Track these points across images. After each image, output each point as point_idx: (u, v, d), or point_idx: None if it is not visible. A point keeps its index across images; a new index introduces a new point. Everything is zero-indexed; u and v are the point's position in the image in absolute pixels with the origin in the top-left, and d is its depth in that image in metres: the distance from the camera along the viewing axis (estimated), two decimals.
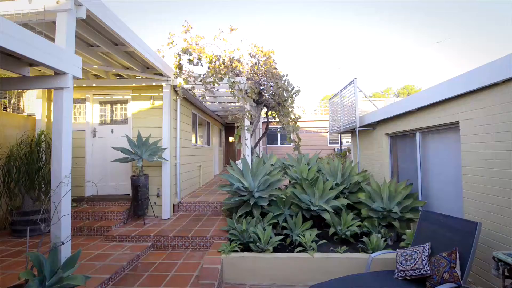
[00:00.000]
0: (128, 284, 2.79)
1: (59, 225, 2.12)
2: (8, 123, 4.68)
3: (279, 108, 5.56)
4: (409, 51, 47.42)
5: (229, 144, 13.38)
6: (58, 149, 2.18)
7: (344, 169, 4.66)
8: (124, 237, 3.85)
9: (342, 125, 6.28)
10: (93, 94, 5.17)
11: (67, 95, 2.22)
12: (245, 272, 3.13)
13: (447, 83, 3.14)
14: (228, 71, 4.28)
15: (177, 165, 5.09)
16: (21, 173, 4.16)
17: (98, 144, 5.15)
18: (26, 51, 1.83)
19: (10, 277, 2.82)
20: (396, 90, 42.10)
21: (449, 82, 3.11)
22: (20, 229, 4.09)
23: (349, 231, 3.59)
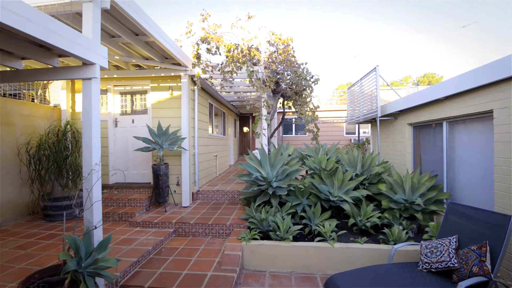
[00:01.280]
0: (154, 267, 2.92)
1: (91, 211, 2.22)
2: (36, 114, 4.90)
3: (296, 97, 5.47)
4: (428, 38, 44.90)
5: (244, 134, 13.42)
6: (88, 138, 2.26)
7: (364, 159, 4.56)
8: (147, 223, 4.00)
9: (361, 115, 6.11)
10: (114, 85, 5.29)
11: (95, 85, 2.28)
12: (265, 260, 3.18)
13: (482, 69, 2.95)
14: (246, 60, 4.23)
15: (195, 154, 5.17)
16: (50, 161, 4.38)
17: (119, 133, 5.31)
18: (58, 41, 1.87)
19: (46, 258, 3.03)
20: (416, 79, 40.28)
21: (484, 68, 2.91)
22: (51, 214, 4.35)
23: (369, 222, 3.55)
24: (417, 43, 49.03)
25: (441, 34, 44.38)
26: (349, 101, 7.28)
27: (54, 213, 4.33)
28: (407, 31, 48.76)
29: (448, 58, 46.13)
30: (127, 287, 2.57)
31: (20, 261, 2.96)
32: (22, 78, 2.50)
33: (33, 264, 2.87)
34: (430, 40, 46.15)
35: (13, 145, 4.42)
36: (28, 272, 2.69)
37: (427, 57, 49.05)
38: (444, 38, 46.62)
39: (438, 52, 48.06)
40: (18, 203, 4.50)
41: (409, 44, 48.51)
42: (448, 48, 46.70)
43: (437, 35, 44.39)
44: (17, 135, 4.49)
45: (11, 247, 3.33)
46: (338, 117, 12.98)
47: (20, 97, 5.41)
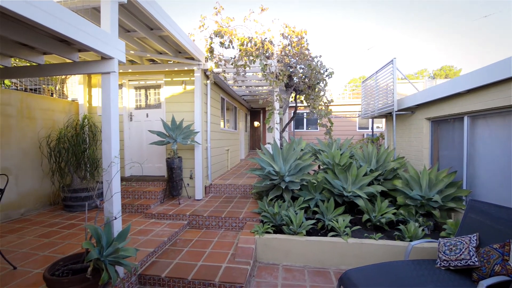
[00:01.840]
0: (170, 258, 2.99)
1: (111, 202, 2.29)
2: (55, 108, 5.06)
3: (309, 91, 5.39)
4: (445, 30, 42.97)
5: (254, 129, 13.41)
6: (108, 131, 2.31)
7: (379, 154, 4.47)
8: (162, 215, 4.09)
9: (376, 109, 5.96)
10: (129, 80, 5.38)
11: (113, 79, 2.32)
12: (278, 253, 3.20)
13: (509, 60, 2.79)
14: (260, 53, 4.19)
15: (208, 148, 5.22)
16: (69, 154, 4.54)
17: (134, 127, 5.42)
18: (80, 36, 1.91)
19: (68, 247, 3.16)
20: (432, 72, 38.87)
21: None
22: (71, 205, 4.52)
23: (384, 218, 3.49)
24: (433, 36, 47.15)
25: (459, 25, 42.45)
26: (363, 95, 7.11)
27: (73, 204, 4.50)
28: (422, 24, 46.94)
29: (466, 50, 44.16)
30: (145, 276, 2.65)
31: (44, 248, 3.11)
32: (44, 72, 2.58)
33: (56, 252, 3.00)
34: (446, 32, 44.26)
35: (34, 138, 4.60)
36: (51, 259, 2.82)
37: (444, 50, 47.15)
38: (463, 30, 44.58)
39: (455, 44, 46.09)
40: (40, 194, 4.69)
41: (425, 36, 46.72)
42: (467, 40, 44.68)
43: (455, 27, 42.48)
44: (38, 129, 4.66)
45: (35, 236, 3.49)
46: (350, 112, 12.73)
47: (40, 92, 5.60)
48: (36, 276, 2.49)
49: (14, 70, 2.74)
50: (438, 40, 46.33)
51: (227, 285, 2.50)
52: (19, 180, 4.33)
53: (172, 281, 2.58)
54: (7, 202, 4.10)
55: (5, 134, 4.14)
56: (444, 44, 46.41)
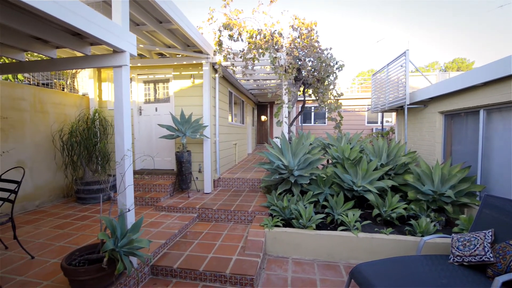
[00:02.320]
0: (181, 249, 3.04)
1: (124, 194, 2.33)
2: (67, 102, 5.14)
3: (318, 84, 5.31)
4: (457, 21, 41.45)
5: (261, 123, 13.38)
6: (120, 125, 2.33)
7: (389, 149, 4.40)
8: (172, 207, 4.15)
9: (387, 103, 5.85)
10: (138, 74, 5.41)
11: (125, 72, 2.33)
12: (288, 247, 3.21)
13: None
14: (269, 46, 4.13)
15: (216, 142, 5.24)
16: (81, 147, 4.62)
17: (144, 121, 5.47)
18: (93, 29, 1.92)
19: (82, 238, 3.25)
20: (443, 65, 37.81)
21: None
22: (83, 197, 4.62)
23: (395, 213, 3.46)
24: (445, 27, 45.62)
25: (472, 16, 40.90)
26: (373, 88, 6.97)
27: (86, 196, 4.60)
28: (433, 15, 45.41)
29: (480, 42, 42.64)
30: (157, 267, 2.70)
31: (59, 239, 3.20)
32: (57, 66, 2.61)
33: (70, 243, 3.09)
34: (459, 23, 42.73)
35: (47, 132, 4.69)
36: (67, 249, 2.90)
37: (456, 42, 45.63)
38: (476, 21, 42.96)
39: (468, 36, 44.53)
40: (54, 186, 4.81)
41: (436, 28, 45.25)
42: (480, 32, 43.09)
43: (467, 18, 40.95)
44: (50, 123, 4.75)
45: (50, 227, 3.60)
46: (359, 106, 12.55)
47: (51, 86, 5.69)
48: (53, 265, 2.57)
49: (28, 64, 2.78)
50: (450, 32, 44.84)
51: (238, 277, 2.52)
52: (34, 173, 4.44)
53: (184, 272, 2.63)
54: (23, 194, 4.22)
55: (20, 128, 4.24)
56: (456, 36, 44.92)
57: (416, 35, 45.79)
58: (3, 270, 2.48)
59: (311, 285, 2.60)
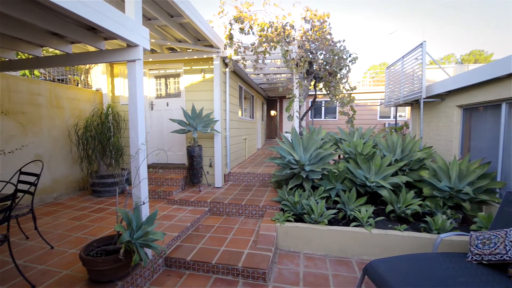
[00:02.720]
0: (194, 242, 3.08)
1: (139, 187, 2.37)
2: (81, 98, 5.25)
3: (330, 78, 5.20)
4: (473, 12, 39.44)
5: (271, 118, 13.31)
6: (134, 119, 2.36)
7: (404, 144, 4.28)
8: (184, 201, 4.21)
9: (401, 97, 5.68)
10: (149, 69, 5.45)
11: (139, 67, 2.34)
12: (299, 241, 3.21)
13: None
14: (281, 39, 4.06)
15: (227, 137, 5.24)
16: (95, 141, 4.73)
17: (155, 116, 5.53)
18: (107, 23, 1.93)
19: (98, 229, 3.34)
20: (460, 57, 36.37)
21: None
22: (98, 190, 4.75)
23: (409, 210, 3.38)
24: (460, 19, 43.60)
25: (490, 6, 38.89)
26: (387, 82, 6.78)
27: (100, 189, 4.72)
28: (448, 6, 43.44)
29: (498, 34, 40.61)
30: (171, 258, 2.75)
31: (76, 230, 3.30)
32: (72, 61, 2.65)
33: (87, 234, 3.18)
34: (475, 15, 40.74)
35: (63, 126, 4.82)
36: (84, 240, 2.99)
37: (473, 34, 43.59)
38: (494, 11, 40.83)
39: (486, 28, 42.46)
40: (70, 180, 4.96)
41: (452, 20, 43.32)
42: (499, 22, 41.00)
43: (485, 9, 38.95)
44: (66, 118, 4.88)
45: (68, 218, 3.72)
46: (371, 100, 12.26)
47: (66, 82, 5.82)
48: (72, 255, 2.66)
49: (45, 59, 2.84)
50: (466, 24, 42.86)
51: (250, 270, 2.54)
52: (51, 166, 4.59)
53: (197, 265, 2.67)
54: (42, 187, 4.37)
55: (37, 122, 4.37)
56: (472, 28, 42.91)
57: (431, 27, 44.04)
58: (25, 259, 2.59)
59: (324, 280, 2.59)
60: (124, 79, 5.58)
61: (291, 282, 2.53)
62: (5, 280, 2.24)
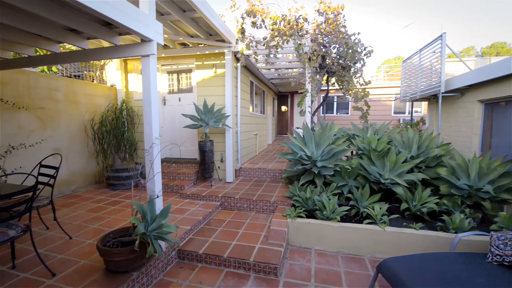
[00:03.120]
0: (206, 236, 3.12)
1: (153, 181, 2.41)
2: (97, 93, 5.37)
3: (344, 72, 5.08)
4: (493, 2, 37.28)
5: (282, 113, 13.22)
6: (148, 114, 2.38)
7: (420, 140, 4.15)
8: (196, 195, 4.26)
9: (418, 91, 5.49)
10: (162, 65, 5.50)
11: (152, 61, 2.36)
12: (311, 237, 3.19)
13: None
14: (294, 32, 3.99)
15: (238, 132, 5.25)
16: (110, 136, 4.84)
17: (168, 112, 5.59)
18: (122, 18, 1.95)
19: (114, 221, 3.44)
20: (480, 50, 34.73)
21: None
22: (113, 183, 4.87)
23: (425, 208, 3.29)
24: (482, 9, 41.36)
25: None
26: (403, 76, 6.56)
27: (115, 183, 4.85)
28: None
29: None
30: (183, 251, 2.80)
31: (93, 222, 3.41)
32: (89, 57, 2.70)
33: (104, 226, 3.28)
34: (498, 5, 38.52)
35: (80, 121, 4.96)
36: (101, 232, 3.09)
37: (493, 26, 41.34)
38: None
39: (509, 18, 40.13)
40: (87, 173, 5.12)
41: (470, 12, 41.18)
42: None
43: None
44: (82, 113, 5.01)
45: (85, 210, 3.85)
46: (385, 95, 11.94)
47: (82, 78, 5.97)
48: (89, 246, 2.76)
49: (63, 55, 2.91)
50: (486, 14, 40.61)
51: (262, 265, 2.55)
52: (69, 160, 4.75)
53: (209, 258, 2.70)
54: (60, 180, 4.53)
55: (56, 117, 4.51)
56: (493, 19, 40.63)
57: (449, 18, 42.04)
58: (46, 248, 2.70)
59: (336, 277, 2.57)
60: (138, 74, 5.66)
61: (302, 278, 2.52)
62: (27, 268, 2.34)
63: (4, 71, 3.71)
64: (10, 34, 2.49)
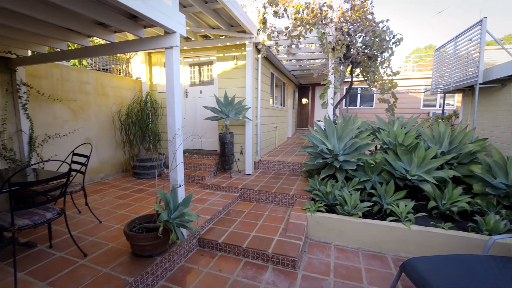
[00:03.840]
0: (225, 226, 3.18)
1: (176, 171, 2.48)
2: (123, 86, 5.59)
3: (369, 63, 4.84)
4: None
5: (302, 106, 12.98)
6: (171, 105, 2.44)
7: (453, 135, 3.88)
8: (216, 186, 4.35)
9: (452, 82, 5.10)
10: (184, 57, 5.58)
11: (176, 53, 2.40)
12: (330, 232, 3.13)
13: None
14: (317, 21, 3.84)
15: (257, 124, 5.23)
16: (136, 127, 5.04)
17: (189, 104, 5.70)
18: (148, 11, 1.99)
19: (139, 208, 3.61)
20: None
21: None
22: (139, 172, 5.10)
23: (456, 207, 3.09)
24: None
25: None
26: (435, 66, 6.12)
27: (140, 172, 5.07)
28: None
29: None
30: (204, 239, 2.88)
31: (120, 208, 3.61)
32: (116, 50, 2.80)
33: (130, 212, 3.46)
34: None
35: (108, 113, 5.21)
36: (127, 217, 3.25)
37: None
38: None
39: None
40: (114, 162, 5.40)
41: None
42: None
43: None
44: (110, 105, 5.25)
45: (113, 197, 4.07)
46: (413, 86, 11.25)
47: (109, 71, 6.23)
48: (117, 230, 2.92)
49: (92, 49, 3.04)
50: None
51: (280, 257, 2.56)
52: (99, 149, 5.03)
53: (228, 247, 2.76)
54: (91, 168, 4.82)
55: (86, 109, 4.77)
56: None
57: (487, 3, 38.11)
58: (78, 231, 2.91)
59: (356, 273, 2.51)
60: (161, 67, 5.80)
61: (321, 272, 2.50)
62: (62, 248, 2.54)
63: (41, 65, 3.97)
64: (45, 29, 2.64)
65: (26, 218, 2.11)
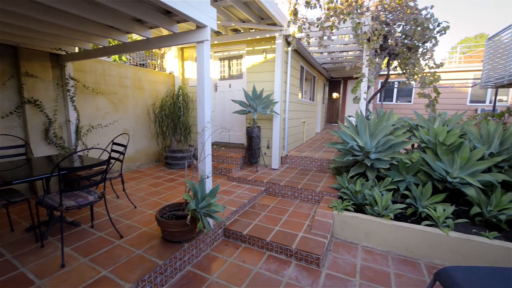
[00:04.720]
0: (250, 219, 3.23)
1: (204, 162, 2.56)
2: (158, 80, 5.88)
3: (409, 54, 4.48)
4: None
5: (332, 101, 12.53)
6: (201, 98, 2.50)
7: (505, 135, 3.46)
8: (242, 179, 4.41)
9: (507, 75, 4.53)
10: (214, 52, 5.68)
11: (206, 47, 2.44)
12: (358, 233, 3.02)
13: None
14: (352, 10, 3.63)
15: (285, 119, 5.17)
16: (168, 119, 5.29)
17: (219, 97, 5.81)
18: (182, 6, 2.05)
19: (170, 196, 3.80)
20: None
21: None
22: (170, 163, 5.37)
23: (504, 215, 2.78)
24: None
25: None
26: (487, 56, 5.47)
27: (172, 162, 5.33)
28: None
29: None
30: (229, 230, 2.96)
31: (153, 195, 3.84)
32: (151, 45, 2.95)
33: (161, 199, 3.67)
34: None
35: (143, 106, 5.52)
36: (159, 204, 3.45)
37: None
38: None
39: None
40: (149, 152, 5.74)
41: None
42: None
43: None
44: (146, 98, 5.56)
45: (147, 184, 4.34)
46: (459, 80, 10.22)
47: (146, 66, 6.58)
48: (150, 216, 3.12)
49: (130, 45, 3.23)
50: None
51: (304, 253, 2.53)
52: (135, 139, 5.37)
53: (253, 240, 2.80)
54: (129, 156, 5.18)
55: (124, 102, 5.11)
56: None
57: None
58: (116, 214, 3.16)
59: (384, 277, 2.40)
60: (193, 62, 5.98)
61: (346, 273, 2.43)
62: (102, 228, 2.78)
63: (86, 60, 4.31)
64: (89, 26, 2.86)
65: (72, 199, 2.34)
